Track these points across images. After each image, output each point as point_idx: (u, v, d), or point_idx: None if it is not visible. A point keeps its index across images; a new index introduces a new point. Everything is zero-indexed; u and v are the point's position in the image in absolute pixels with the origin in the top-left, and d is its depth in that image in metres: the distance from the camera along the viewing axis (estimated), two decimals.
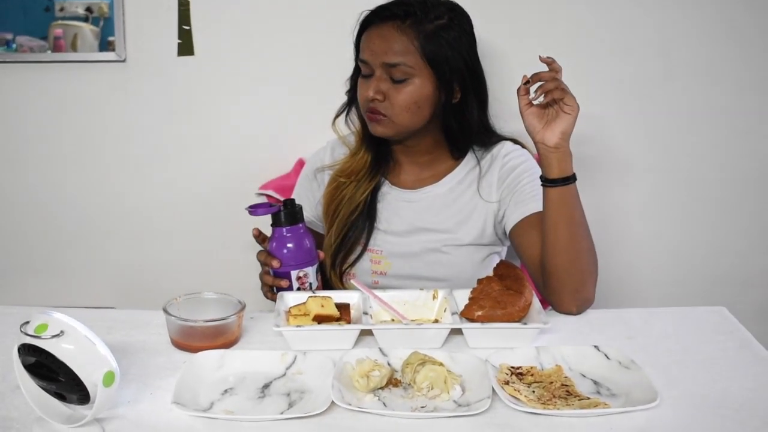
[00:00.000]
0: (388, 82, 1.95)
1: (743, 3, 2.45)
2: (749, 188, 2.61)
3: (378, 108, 1.96)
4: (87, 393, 1.32)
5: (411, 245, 2.05)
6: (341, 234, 2.07)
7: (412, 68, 1.93)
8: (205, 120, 2.54)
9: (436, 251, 2.04)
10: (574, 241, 1.83)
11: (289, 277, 1.85)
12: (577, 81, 1.85)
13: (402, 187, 2.10)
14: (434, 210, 2.06)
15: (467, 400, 1.44)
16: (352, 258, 2.07)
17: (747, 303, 2.64)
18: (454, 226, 2.04)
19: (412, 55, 1.93)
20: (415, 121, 1.98)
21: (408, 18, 1.93)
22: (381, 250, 2.07)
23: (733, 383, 1.52)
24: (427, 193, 2.08)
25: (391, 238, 2.06)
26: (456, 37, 1.97)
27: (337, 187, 2.10)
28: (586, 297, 1.84)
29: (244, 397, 1.47)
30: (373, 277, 2.07)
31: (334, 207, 2.09)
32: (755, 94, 2.53)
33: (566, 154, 1.81)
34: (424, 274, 2.04)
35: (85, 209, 2.61)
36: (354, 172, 2.10)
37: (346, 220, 2.07)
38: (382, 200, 2.10)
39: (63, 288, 2.65)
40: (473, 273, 1.98)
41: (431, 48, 1.93)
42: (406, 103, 1.95)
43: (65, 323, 1.31)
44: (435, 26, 1.94)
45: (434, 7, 1.97)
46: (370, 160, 2.10)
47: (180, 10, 2.42)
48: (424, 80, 1.95)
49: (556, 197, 1.82)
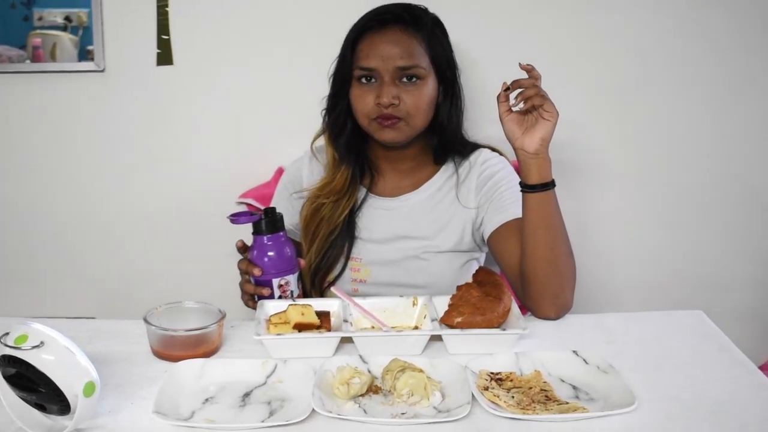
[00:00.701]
0: (399, 86, 1.97)
1: (719, 9, 2.47)
2: (727, 192, 2.63)
3: (394, 113, 1.96)
4: (68, 403, 1.31)
5: (390, 253, 2.06)
6: (321, 253, 2.07)
7: (425, 69, 1.97)
8: (184, 129, 2.54)
9: (415, 258, 2.05)
10: (554, 247, 1.84)
11: (271, 285, 1.84)
12: (556, 87, 1.87)
13: (381, 195, 2.11)
14: (413, 217, 2.07)
15: (447, 406, 1.45)
16: (332, 275, 2.08)
17: (725, 306, 2.66)
18: (433, 233, 2.05)
19: (423, 57, 1.97)
20: (425, 122, 2.02)
21: (412, 21, 1.97)
22: (360, 258, 2.07)
23: (711, 386, 1.53)
24: (405, 201, 2.09)
25: (371, 246, 2.07)
26: (445, 40, 2.03)
27: (317, 208, 2.09)
28: (564, 302, 1.85)
29: (225, 405, 1.47)
30: (353, 285, 2.08)
31: (314, 227, 2.09)
32: (732, 98, 2.55)
33: (545, 160, 1.82)
34: (403, 281, 2.05)
35: (65, 219, 2.60)
36: (334, 191, 2.09)
37: (326, 240, 2.07)
38: (362, 211, 2.10)
39: (43, 298, 2.64)
40: (452, 279, 2.00)
41: (435, 50, 1.99)
42: (422, 105, 1.98)
43: (45, 334, 1.31)
44: (431, 29, 1.99)
45: (421, 11, 2.02)
46: (350, 175, 2.09)
47: (159, 20, 2.42)
48: (432, 81, 1.99)
49: (536, 203, 1.83)
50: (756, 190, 2.63)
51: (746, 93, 2.55)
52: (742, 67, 2.53)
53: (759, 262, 2.70)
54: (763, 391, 1.52)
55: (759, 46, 2.51)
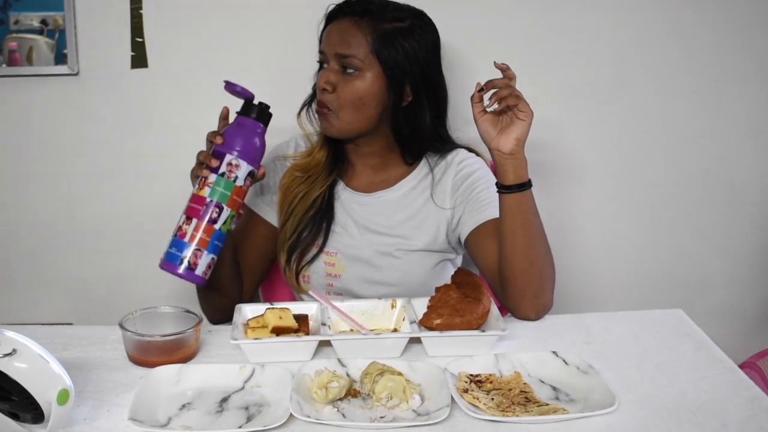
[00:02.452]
0: (339, 74, 1.96)
1: (694, 10, 2.48)
2: (705, 191, 2.64)
3: (325, 100, 1.96)
4: (41, 412, 1.30)
5: (363, 248, 2.05)
6: (297, 230, 2.06)
7: (362, 62, 1.94)
8: (160, 132, 2.53)
9: (387, 255, 2.04)
10: (532, 247, 1.83)
11: (222, 160, 1.75)
12: (532, 87, 1.86)
13: (356, 189, 2.10)
14: (386, 214, 2.06)
15: (427, 409, 1.44)
16: (308, 256, 2.06)
17: (705, 304, 2.68)
18: (406, 231, 2.04)
19: (363, 48, 1.94)
20: (359, 119, 1.98)
21: (366, 15, 1.95)
22: (336, 252, 2.06)
23: (690, 385, 1.53)
24: (379, 197, 2.08)
25: (346, 240, 2.06)
26: (414, 43, 1.98)
27: (293, 180, 2.09)
28: (544, 303, 1.85)
29: (203, 411, 1.46)
30: (328, 279, 2.07)
31: (289, 201, 2.08)
32: (711, 98, 2.56)
33: (521, 160, 1.81)
34: (376, 278, 2.04)
35: (40, 223, 2.58)
36: (309, 168, 2.09)
37: (303, 216, 2.06)
38: (338, 201, 2.10)
39: (17, 304, 2.62)
40: (424, 278, 2.02)
41: (384, 47, 1.94)
42: (351, 97, 1.95)
43: (17, 341, 1.30)
44: (392, 27, 1.96)
45: (396, 10, 1.99)
46: (326, 158, 2.10)
47: (133, 23, 2.41)
48: (373, 77, 1.95)
49: (513, 204, 1.83)
50: (735, 189, 2.65)
51: (726, 92, 2.57)
52: (722, 67, 2.54)
53: (738, 260, 2.72)
54: (743, 389, 1.53)
55: (738, 46, 2.53)
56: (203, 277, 1.73)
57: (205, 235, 1.72)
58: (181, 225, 1.73)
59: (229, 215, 1.75)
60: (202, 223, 1.72)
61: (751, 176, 2.65)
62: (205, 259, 1.72)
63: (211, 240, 1.73)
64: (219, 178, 1.73)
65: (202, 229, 1.72)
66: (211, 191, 1.73)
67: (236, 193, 1.75)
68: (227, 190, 1.73)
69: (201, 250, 1.71)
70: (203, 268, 1.72)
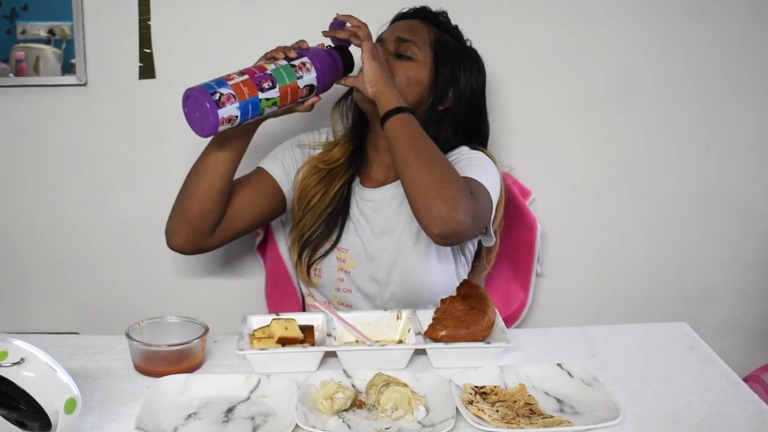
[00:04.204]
0: (392, 56, 2.02)
1: (700, 24, 2.48)
2: (709, 204, 2.63)
3: None
4: (48, 421, 1.30)
5: (374, 246, 2.06)
6: (314, 225, 2.09)
7: (419, 50, 2.02)
8: (167, 143, 2.53)
9: (396, 251, 2.05)
10: (430, 169, 1.79)
11: (299, 58, 1.85)
12: (539, 98, 1.87)
13: (367, 186, 2.13)
14: (393, 209, 2.07)
15: (431, 420, 1.45)
16: (321, 251, 2.09)
17: (709, 317, 2.67)
18: (414, 227, 2.03)
19: (423, 40, 2.03)
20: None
21: (435, 22, 2.09)
22: (347, 249, 2.08)
23: (695, 398, 1.53)
24: (384, 192, 2.09)
25: (358, 238, 2.08)
26: (467, 64, 2.08)
27: (312, 176, 2.12)
28: (448, 221, 1.76)
29: (209, 421, 1.47)
30: (339, 274, 2.09)
31: (309, 198, 2.11)
32: (716, 110, 2.55)
33: (389, 91, 1.87)
34: (382, 277, 2.06)
35: (47, 233, 2.58)
36: (330, 162, 2.13)
37: (322, 212, 2.09)
38: (353, 198, 2.12)
39: (25, 314, 2.62)
40: (428, 278, 2.04)
41: (442, 50, 2.04)
42: (400, 76, 2.00)
43: (25, 350, 1.30)
44: (454, 42, 2.08)
45: (460, 35, 2.14)
46: (347, 154, 2.14)
47: (141, 33, 2.42)
48: (423, 68, 2.03)
49: (396, 126, 1.84)
50: (739, 201, 2.64)
51: (731, 105, 2.56)
52: (727, 80, 2.54)
53: (743, 273, 2.71)
54: (748, 402, 1.53)
55: (744, 59, 2.52)
56: (217, 122, 1.72)
57: (248, 89, 1.74)
58: (232, 74, 1.77)
59: (274, 97, 1.78)
60: (252, 81, 1.75)
61: (756, 189, 2.64)
62: (232, 109, 1.72)
63: (248, 99, 1.74)
64: (288, 65, 1.81)
65: (248, 84, 1.75)
66: (275, 68, 1.79)
67: (292, 88, 1.81)
68: (288, 77, 1.80)
69: (235, 98, 1.72)
70: (225, 114, 1.71)
